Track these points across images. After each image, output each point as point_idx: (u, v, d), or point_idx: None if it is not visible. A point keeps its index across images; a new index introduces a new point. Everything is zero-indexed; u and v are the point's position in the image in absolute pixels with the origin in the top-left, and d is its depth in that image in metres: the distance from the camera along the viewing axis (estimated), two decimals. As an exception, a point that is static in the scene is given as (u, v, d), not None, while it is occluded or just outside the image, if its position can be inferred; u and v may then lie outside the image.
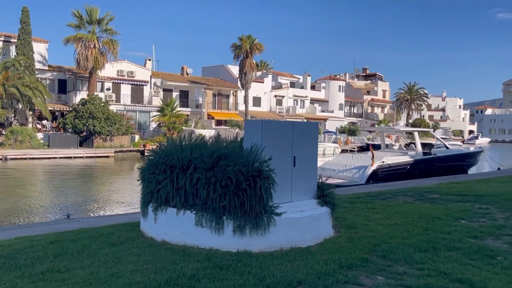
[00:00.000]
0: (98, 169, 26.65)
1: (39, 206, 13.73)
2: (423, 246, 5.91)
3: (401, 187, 13.24)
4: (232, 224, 5.55)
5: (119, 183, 21.24)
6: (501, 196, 10.90)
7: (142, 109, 42.69)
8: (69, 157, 30.04)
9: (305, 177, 6.47)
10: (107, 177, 23.43)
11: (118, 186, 20.17)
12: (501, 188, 12.60)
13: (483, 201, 10.13)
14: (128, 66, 43.13)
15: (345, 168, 19.13)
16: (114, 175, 24.57)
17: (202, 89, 48.41)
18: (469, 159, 22.81)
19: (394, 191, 11.86)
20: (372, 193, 11.57)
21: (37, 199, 15.09)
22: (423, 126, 65.09)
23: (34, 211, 12.92)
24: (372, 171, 18.04)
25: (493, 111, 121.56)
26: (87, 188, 19.31)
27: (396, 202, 9.75)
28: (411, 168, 19.48)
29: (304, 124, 6.63)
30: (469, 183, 14.12)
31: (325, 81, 66.49)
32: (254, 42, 42.23)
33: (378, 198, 10.51)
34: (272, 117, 54.98)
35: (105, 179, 22.49)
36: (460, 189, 12.37)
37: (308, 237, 5.95)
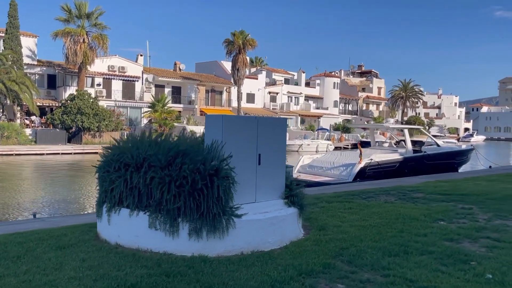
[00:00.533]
0: (85, 166, 26.16)
1: (12, 204, 13.31)
2: (394, 250, 5.56)
3: (386, 185, 12.90)
4: (187, 226, 5.18)
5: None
6: (486, 196, 10.58)
7: (133, 105, 42.21)
8: (57, 153, 29.56)
9: (271, 176, 6.10)
10: (93, 174, 22.93)
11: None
12: (488, 187, 12.29)
13: (468, 201, 9.80)
14: (119, 61, 42.61)
15: (333, 165, 18.80)
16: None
17: (194, 85, 47.94)
18: (460, 157, 22.51)
19: (378, 190, 11.52)
20: (355, 191, 11.23)
21: (12, 197, 14.67)
22: (417, 123, 64.86)
23: (3, 210, 12.49)
24: (359, 169, 17.69)
25: (489, 109, 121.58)
26: (69, 185, 18.89)
27: (376, 202, 9.40)
28: (400, 166, 19.15)
29: (271, 119, 6.25)
30: (456, 182, 13.81)
31: (320, 78, 66.12)
32: (247, 38, 41.76)
33: (359, 197, 10.17)
34: (265, 113, 54.61)
35: (90, 176, 21.97)
36: (446, 188, 12.05)
37: (272, 240, 5.59)
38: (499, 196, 10.57)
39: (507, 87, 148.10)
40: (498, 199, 10.12)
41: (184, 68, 50.67)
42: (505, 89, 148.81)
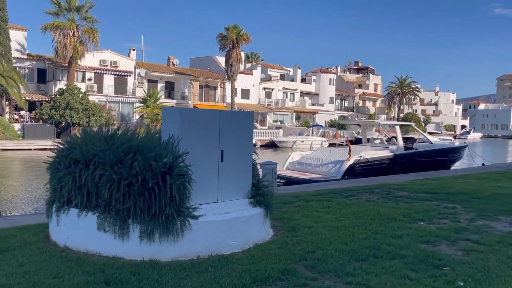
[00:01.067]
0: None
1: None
2: (363, 254, 5.19)
3: (372, 183, 12.55)
4: (138, 229, 4.79)
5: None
6: (473, 194, 10.23)
7: (125, 100, 41.70)
8: (45, 149, 29.06)
9: (236, 173, 5.71)
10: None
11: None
12: (477, 186, 11.94)
13: (453, 200, 9.45)
14: (111, 56, 42.05)
15: (322, 162, 18.44)
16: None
17: (188, 80, 47.43)
18: (453, 154, 22.18)
19: (362, 188, 11.16)
20: (338, 190, 10.86)
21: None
22: (414, 120, 64.54)
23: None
24: (348, 166, 17.34)
25: (486, 106, 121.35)
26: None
27: (357, 201, 9.03)
28: (391, 163, 18.80)
29: (235, 113, 5.86)
30: (445, 180, 13.46)
31: (316, 74, 65.63)
32: (241, 33, 41.23)
33: (341, 195, 9.80)
34: (260, 109, 54.18)
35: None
36: (433, 186, 11.70)
37: (233, 243, 5.21)
38: (486, 195, 10.22)
39: (505, 85, 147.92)
40: (484, 198, 9.77)
41: (178, 63, 50.12)
42: (503, 87, 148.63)
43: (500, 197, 9.91)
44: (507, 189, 11.32)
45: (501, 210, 8.31)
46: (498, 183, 12.63)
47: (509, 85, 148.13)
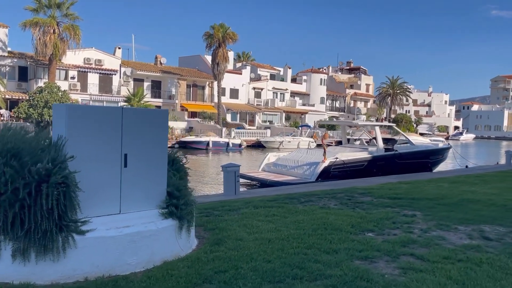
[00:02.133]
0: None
1: None
2: (282, 274, 4.52)
3: (339, 187, 11.90)
4: (11, 246, 4.10)
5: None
6: (440, 200, 9.60)
7: (109, 99, 40.90)
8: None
9: (145, 181, 5.04)
10: None
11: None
12: (448, 190, 11.32)
13: (416, 206, 8.80)
14: (96, 54, 41.24)
15: (297, 164, 17.79)
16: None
17: (175, 79, 46.67)
18: (435, 156, 21.56)
19: (326, 192, 10.50)
20: (299, 194, 10.21)
21: None
22: (405, 121, 64.09)
23: None
24: (323, 168, 16.69)
25: (480, 107, 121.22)
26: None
27: (311, 207, 8.36)
28: (369, 166, 18.17)
29: (144, 111, 5.18)
30: (417, 183, 12.83)
31: (307, 74, 65.03)
32: (227, 31, 40.50)
33: (298, 201, 9.13)
34: (249, 109, 53.54)
35: None
36: (402, 190, 11.05)
37: (134, 261, 4.53)
38: (454, 200, 9.59)
39: (499, 86, 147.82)
40: (451, 204, 9.14)
41: (165, 62, 49.35)
42: (497, 88, 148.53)
43: (467, 203, 9.28)
44: (478, 194, 10.70)
45: (463, 219, 7.68)
46: (472, 187, 12.01)
47: (503, 87, 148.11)
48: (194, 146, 35.23)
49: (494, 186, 12.57)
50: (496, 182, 13.65)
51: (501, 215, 8.16)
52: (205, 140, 35.49)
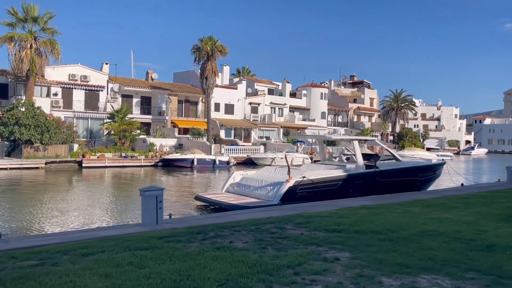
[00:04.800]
0: (17, 183, 23.28)
1: None
2: None
3: (281, 214, 9.88)
4: None
5: (25, 199, 17.62)
6: (391, 233, 7.51)
7: (94, 116, 39.52)
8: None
9: None
10: (20, 192, 19.91)
11: (23, 202, 16.55)
12: (412, 218, 9.19)
13: (351, 243, 6.74)
14: (81, 69, 40.09)
15: (261, 184, 15.77)
16: (31, 190, 21.03)
17: (165, 95, 45.23)
18: (425, 173, 19.28)
19: (257, 222, 8.49)
20: (225, 224, 8.22)
21: None
22: (409, 135, 61.48)
23: None
24: (287, 189, 14.65)
25: (492, 121, 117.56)
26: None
27: (208, 246, 6.33)
28: (344, 185, 16.05)
29: None
30: (383, 208, 10.70)
31: (307, 88, 63.16)
32: (216, 44, 39.01)
33: (204, 236, 7.14)
34: (245, 125, 51.76)
35: (16, 195, 18.93)
36: (353, 218, 8.97)
37: None
38: (409, 234, 7.48)
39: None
40: (400, 240, 7.05)
41: (156, 78, 48.03)
42: (511, 101, 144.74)
43: (423, 238, 7.18)
44: (447, 223, 8.56)
45: (401, 264, 5.60)
46: (446, 214, 9.85)
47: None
48: (178, 164, 33.41)
49: (475, 211, 10.39)
50: (481, 205, 11.44)
51: (459, 257, 6.06)
52: (190, 158, 33.66)
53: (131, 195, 18.87)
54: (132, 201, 16.79)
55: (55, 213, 14.11)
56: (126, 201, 17.40)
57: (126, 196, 19.03)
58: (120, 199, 18.43)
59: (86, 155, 31.20)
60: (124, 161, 32.69)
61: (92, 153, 31.83)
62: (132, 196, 18.18)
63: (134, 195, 18.30)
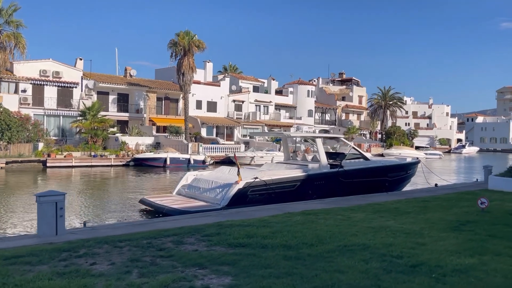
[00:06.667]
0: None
1: None
2: None
3: (214, 220, 8.59)
4: None
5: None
6: (306, 248, 6.26)
7: (67, 113, 38.02)
8: None
9: None
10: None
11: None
12: (346, 227, 7.93)
13: (242, 265, 5.49)
14: (53, 65, 38.56)
15: (211, 186, 14.48)
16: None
17: (143, 92, 43.80)
18: (395, 173, 18.04)
19: (154, 235, 7.18)
20: (102, 240, 6.91)
21: None
22: (397, 134, 60.36)
23: None
24: (236, 191, 13.38)
25: (484, 119, 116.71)
26: None
27: (31, 277, 5.04)
28: (303, 186, 14.79)
29: None
30: (323, 214, 9.43)
31: (293, 86, 61.87)
32: (193, 39, 37.64)
33: (52, 259, 5.81)
34: (228, 123, 50.42)
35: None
36: (274, 229, 7.69)
37: None
38: (324, 249, 6.21)
39: (505, 97, 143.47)
40: (307, 258, 5.78)
41: (135, 74, 46.55)
42: (503, 99, 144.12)
43: (339, 255, 5.91)
44: (381, 234, 7.30)
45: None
46: (390, 221, 8.59)
47: (510, 98, 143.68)
48: (150, 163, 32.04)
49: (426, 217, 9.15)
50: (438, 210, 10.20)
51: (368, 282, 4.80)
52: (162, 157, 32.29)
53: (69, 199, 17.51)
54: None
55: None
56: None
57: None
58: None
59: (52, 154, 29.77)
60: (93, 160, 31.28)
61: (59, 152, 30.40)
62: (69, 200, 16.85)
63: (73, 199, 17.01)
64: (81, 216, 13.25)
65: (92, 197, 17.68)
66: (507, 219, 8.95)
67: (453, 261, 5.66)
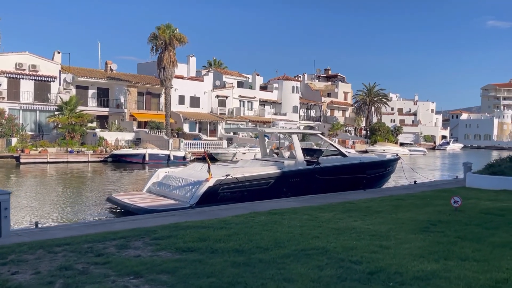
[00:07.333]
0: None
1: None
2: None
3: (175, 220, 8.06)
4: None
5: None
6: (260, 253, 5.79)
7: (44, 108, 36.97)
8: None
9: None
10: None
11: None
12: (310, 229, 7.46)
13: (182, 273, 5.02)
14: (30, 58, 37.42)
15: (181, 184, 13.92)
16: None
17: (124, 86, 42.85)
18: (374, 170, 17.71)
19: (99, 239, 6.63)
20: (45, 243, 6.33)
21: None
22: (381, 130, 60.36)
23: None
24: (207, 189, 12.85)
25: (469, 116, 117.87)
26: None
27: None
28: (277, 184, 14.33)
29: None
30: (285, 214, 8.95)
31: (278, 82, 61.38)
32: (174, 33, 36.86)
33: None
34: (211, 119, 49.76)
35: None
36: (231, 231, 7.20)
37: None
38: (279, 254, 5.73)
39: (490, 94, 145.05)
40: (258, 264, 5.29)
41: (115, 68, 45.53)
42: (488, 97, 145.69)
43: (293, 261, 5.43)
44: (344, 236, 6.85)
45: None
46: (357, 221, 8.16)
47: (494, 95, 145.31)
48: (129, 159, 31.28)
49: (397, 217, 8.74)
50: (411, 209, 9.81)
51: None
52: (141, 153, 31.55)
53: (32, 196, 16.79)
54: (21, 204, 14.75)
55: None
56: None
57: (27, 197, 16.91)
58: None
59: (26, 150, 28.83)
60: (69, 156, 30.41)
61: (33, 147, 29.46)
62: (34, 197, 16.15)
63: (40, 196, 16.33)
64: (42, 215, 12.59)
65: (61, 195, 16.98)
66: (480, 219, 8.59)
67: (415, 267, 5.23)
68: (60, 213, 13.09)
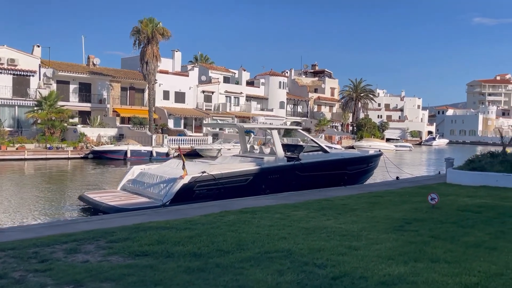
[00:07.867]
0: None
1: None
2: None
3: (142, 220, 7.62)
4: None
5: None
6: (220, 257, 5.45)
7: (23, 103, 36.05)
8: None
9: None
10: None
11: None
12: (279, 228, 7.09)
13: (130, 281, 4.55)
14: (8, 52, 36.45)
15: (155, 181, 13.47)
16: None
17: (107, 81, 42.02)
18: (355, 166, 17.42)
19: (70, 238, 6.19)
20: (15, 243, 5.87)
21: None
22: (368, 126, 60.38)
23: None
24: (181, 187, 12.41)
25: (454, 112, 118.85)
26: None
27: None
28: (255, 181, 13.95)
29: None
30: (257, 213, 8.58)
31: (265, 77, 60.95)
32: (157, 27, 36.18)
33: None
34: (197, 114, 49.19)
35: None
36: (196, 231, 6.81)
37: None
38: (239, 257, 5.36)
39: (475, 90, 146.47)
40: (214, 269, 4.91)
41: (98, 63, 44.61)
42: (473, 93, 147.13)
43: (253, 265, 5.06)
44: (313, 236, 6.51)
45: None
46: (329, 220, 7.83)
47: (479, 91, 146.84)
48: (110, 156, 30.64)
49: (372, 215, 8.43)
50: (387, 206, 9.52)
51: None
52: (123, 149, 30.92)
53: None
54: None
55: None
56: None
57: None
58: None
59: (2, 147, 28.02)
60: (48, 153, 29.66)
61: (10, 144, 28.65)
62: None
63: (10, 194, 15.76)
64: (6, 215, 12.04)
65: (33, 193, 16.38)
66: (456, 216, 8.33)
67: (382, 270, 4.90)
68: (27, 212, 12.55)
